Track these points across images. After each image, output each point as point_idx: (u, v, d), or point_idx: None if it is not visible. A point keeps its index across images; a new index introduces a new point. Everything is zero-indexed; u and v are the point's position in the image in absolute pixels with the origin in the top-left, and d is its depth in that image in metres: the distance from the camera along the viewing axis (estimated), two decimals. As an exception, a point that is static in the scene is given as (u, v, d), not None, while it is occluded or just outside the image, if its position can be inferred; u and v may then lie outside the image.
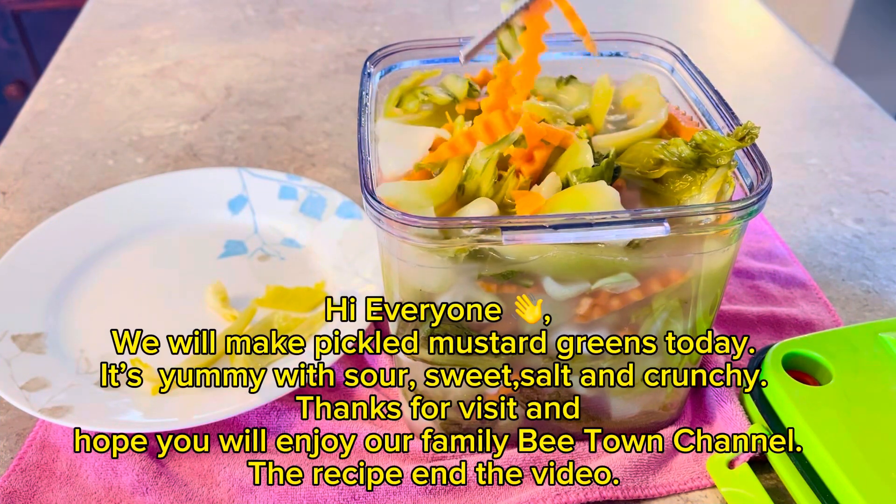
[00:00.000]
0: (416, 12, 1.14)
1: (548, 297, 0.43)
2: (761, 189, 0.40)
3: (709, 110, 0.48)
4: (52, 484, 0.50)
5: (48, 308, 0.61)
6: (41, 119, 0.89)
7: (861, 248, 0.69)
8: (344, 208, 0.69)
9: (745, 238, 0.69)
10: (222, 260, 0.67)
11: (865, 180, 0.78)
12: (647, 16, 1.12)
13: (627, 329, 0.45)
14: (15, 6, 1.51)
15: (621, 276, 0.42)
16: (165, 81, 0.97)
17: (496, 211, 0.42)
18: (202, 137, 0.85)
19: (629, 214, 0.39)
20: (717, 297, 0.46)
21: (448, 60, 0.54)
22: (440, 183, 0.44)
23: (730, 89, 0.87)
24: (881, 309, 0.63)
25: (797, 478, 0.46)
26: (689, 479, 0.49)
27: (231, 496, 0.49)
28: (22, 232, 0.70)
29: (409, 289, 0.44)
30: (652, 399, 0.50)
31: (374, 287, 0.60)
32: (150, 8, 1.16)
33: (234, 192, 0.72)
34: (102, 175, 0.79)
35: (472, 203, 0.43)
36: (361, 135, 0.45)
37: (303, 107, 0.91)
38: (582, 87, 0.54)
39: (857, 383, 0.49)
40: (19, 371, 0.54)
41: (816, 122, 0.88)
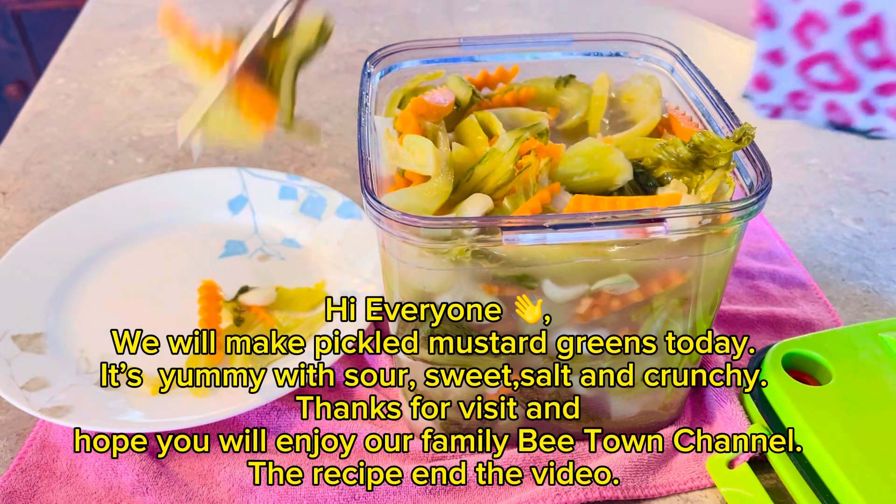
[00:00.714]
0: (416, 12, 1.14)
1: (548, 298, 0.43)
2: (761, 189, 0.40)
3: (709, 110, 0.48)
4: (52, 484, 0.50)
5: (48, 308, 0.61)
6: (41, 119, 0.89)
7: (861, 248, 0.69)
8: (344, 208, 0.69)
9: (745, 238, 0.69)
10: (222, 260, 0.67)
11: (865, 180, 0.78)
12: (647, 16, 1.12)
13: (627, 329, 0.45)
14: (15, 6, 1.51)
15: (621, 277, 0.42)
16: (165, 81, 0.97)
17: (491, 205, 0.43)
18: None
19: (629, 214, 0.39)
20: (717, 297, 0.46)
21: (448, 60, 0.54)
22: (440, 184, 0.44)
23: (730, 89, 0.87)
24: (881, 309, 0.63)
25: (797, 478, 0.46)
26: (689, 479, 0.49)
27: (231, 496, 0.49)
28: (22, 232, 0.70)
29: (409, 289, 0.44)
30: (652, 399, 0.50)
31: (374, 287, 0.60)
32: (150, 8, 1.16)
33: (234, 192, 0.72)
34: (102, 175, 0.79)
35: (469, 199, 0.43)
36: (361, 135, 0.45)
37: (303, 107, 0.91)
38: (581, 87, 0.54)
39: (857, 383, 0.49)
40: (19, 371, 0.54)
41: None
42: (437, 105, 0.48)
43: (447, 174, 0.44)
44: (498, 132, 0.47)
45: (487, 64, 0.54)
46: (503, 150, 0.43)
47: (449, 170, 0.44)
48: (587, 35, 0.54)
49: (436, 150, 0.44)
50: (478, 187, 0.44)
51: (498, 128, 0.48)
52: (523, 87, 0.54)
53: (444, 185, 0.43)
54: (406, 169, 0.45)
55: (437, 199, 0.43)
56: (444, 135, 0.47)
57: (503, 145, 0.43)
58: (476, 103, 0.52)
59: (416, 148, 0.44)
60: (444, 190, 0.43)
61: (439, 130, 0.47)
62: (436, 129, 0.47)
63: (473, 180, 0.44)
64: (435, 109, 0.48)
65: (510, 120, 0.50)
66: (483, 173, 0.44)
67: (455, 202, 0.44)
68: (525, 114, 0.51)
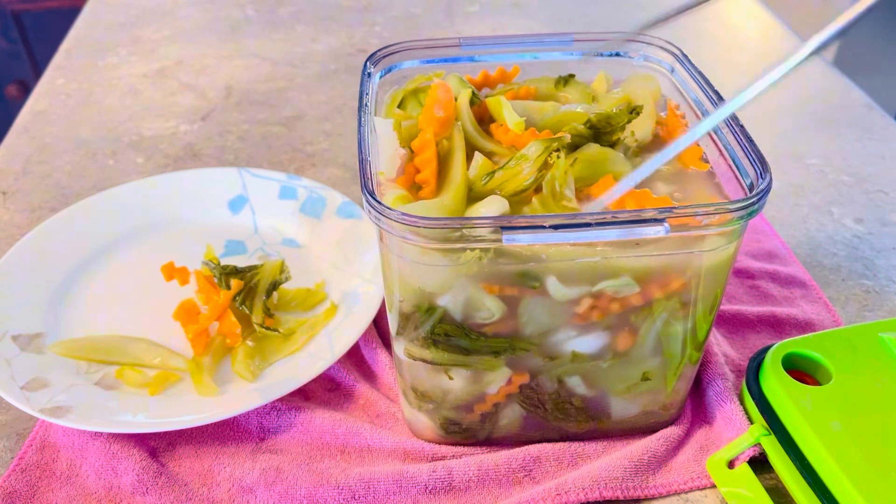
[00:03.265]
0: (416, 12, 1.14)
1: (551, 296, 0.43)
2: (761, 189, 0.40)
3: (709, 110, 0.48)
4: (52, 484, 0.50)
5: (48, 308, 0.61)
6: (41, 119, 0.89)
7: (861, 248, 0.69)
8: (344, 208, 0.69)
9: (745, 238, 0.69)
10: (222, 260, 0.67)
11: (865, 180, 0.78)
12: (647, 16, 1.11)
13: (628, 329, 0.45)
14: (15, 6, 1.51)
15: (623, 279, 0.42)
16: (165, 81, 0.97)
17: (507, 208, 0.43)
18: (202, 137, 0.85)
19: (629, 214, 0.39)
20: (717, 297, 0.46)
21: (448, 60, 0.54)
22: (452, 196, 0.44)
23: (730, 89, 0.87)
24: (881, 309, 0.63)
25: (797, 478, 0.46)
26: (689, 479, 0.49)
27: (231, 496, 0.49)
28: (22, 232, 0.70)
29: (409, 289, 0.44)
30: (652, 399, 0.50)
31: (374, 287, 0.60)
32: (150, 8, 1.16)
33: (234, 192, 0.72)
34: (102, 175, 0.79)
35: (484, 201, 0.43)
36: (361, 135, 0.45)
37: (303, 107, 0.91)
38: (581, 87, 0.54)
39: (857, 383, 0.49)
40: (19, 371, 0.54)
41: (816, 122, 0.88)
42: (439, 118, 0.48)
43: (459, 189, 0.44)
44: (505, 120, 0.48)
45: (487, 64, 0.54)
46: (530, 157, 0.44)
47: (460, 186, 0.44)
48: (587, 35, 0.54)
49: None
50: (499, 189, 0.45)
51: (507, 113, 0.48)
52: (523, 88, 0.54)
53: (451, 202, 0.43)
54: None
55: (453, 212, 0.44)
56: (462, 151, 0.47)
57: (531, 151, 0.44)
58: (476, 104, 0.52)
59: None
60: (452, 209, 0.43)
61: (456, 150, 0.47)
62: (452, 147, 0.47)
63: (493, 183, 0.45)
64: (441, 121, 0.48)
65: (523, 111, 0.50)
66: (505, 177, 0.44)
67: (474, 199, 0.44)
68: (537, 106, 0.51)
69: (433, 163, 0.45)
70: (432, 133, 0.46)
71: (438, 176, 0.46)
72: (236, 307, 0.59)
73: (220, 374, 0.56)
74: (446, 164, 0.46)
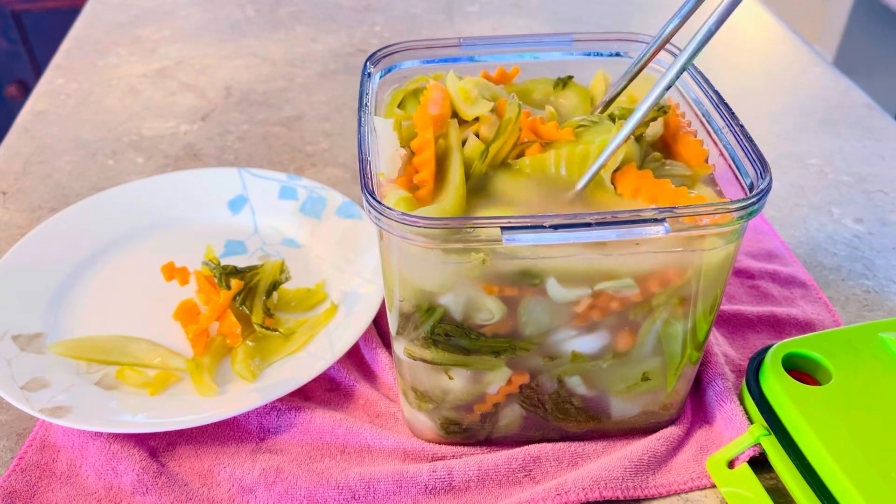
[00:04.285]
0: (416, 12, 1.14)
1: (550, 297, 0.43)
2: (761, 189, 0.40)
3: (709, 110, 0.48)
4: (52, 484, 0.50)
5: (48, 308, 0.61)
6: (41, 119, 0.89)
7: (861, 248, 0.69)
8: (344, 208, 0.69)
9: (745, 238, 0.69)
10: (222, 260, 0.67)
11: (865, 180, 0.78)
12: (647, 16, 1.12)
13: (628, 329, 0.45)
14: (15, 6, 1.51)
15: (623, 280, 0.42)
16: (165, 81, 0.97)
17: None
18: (202, 137, 0.85)
19: (629, 214, 0.39)
20: (717, 297, 0.46)
21: (448, 60, 0.54)
22: (452, 199, 0.44)
23: (730, 89, 0.87)
24: (881, 309, 0.63)
25: (797, 478, 0.46)
26: (689, 479, 0.49)
27: (231, 496, 0.49)
28: (22, 232, 0.70)
29: (409, 289, 0.44)
30: (652, 399, 0.50)
31: (374, 287, 0.60)
32: (150, 8, 1.16)
33: (234, 192, 0.72)
34: (102, 175, 0.79)
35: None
36: (361, 135, 0.45)
37: (303, 107, 0.91)
38: (580, 89, 0.54)
39: (857, 383, 0.49)
40: (19, 371, 0.54)
41: (816, 122, 0.88)
42: (434, 116, 0.49)
43: (458, 193, 0.44)
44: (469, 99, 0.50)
45: (487, 64, 0.54)
46: (511, 117, 0.46)
47: (459, 188, 0.44)
48: (587, 35, 0.54)
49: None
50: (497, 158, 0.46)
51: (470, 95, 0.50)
52: (523, 88, 0.54)
53: (451, 205, 0.43)
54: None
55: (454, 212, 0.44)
56: (458, 151, 0.47)
57: (512, 111, 0.46)
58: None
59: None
60: (451, 212, 0.43)
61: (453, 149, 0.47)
62: (449, 146, 0.47)
63: (491, 154, 0.46)
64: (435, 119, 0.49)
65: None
66: (500, 145, 0.46)
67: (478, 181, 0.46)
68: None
69: (431, 163, 0.45)
70: (431, 133, 0.46)
71: (437, 176, 0.46)
72: (236, 307, 0.59)
73: (220, 374, 0.56)
74: (444, 164, 0.46)
